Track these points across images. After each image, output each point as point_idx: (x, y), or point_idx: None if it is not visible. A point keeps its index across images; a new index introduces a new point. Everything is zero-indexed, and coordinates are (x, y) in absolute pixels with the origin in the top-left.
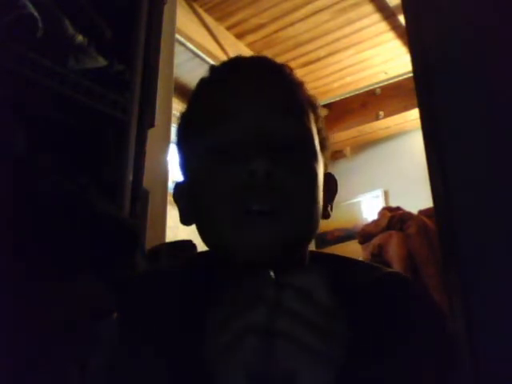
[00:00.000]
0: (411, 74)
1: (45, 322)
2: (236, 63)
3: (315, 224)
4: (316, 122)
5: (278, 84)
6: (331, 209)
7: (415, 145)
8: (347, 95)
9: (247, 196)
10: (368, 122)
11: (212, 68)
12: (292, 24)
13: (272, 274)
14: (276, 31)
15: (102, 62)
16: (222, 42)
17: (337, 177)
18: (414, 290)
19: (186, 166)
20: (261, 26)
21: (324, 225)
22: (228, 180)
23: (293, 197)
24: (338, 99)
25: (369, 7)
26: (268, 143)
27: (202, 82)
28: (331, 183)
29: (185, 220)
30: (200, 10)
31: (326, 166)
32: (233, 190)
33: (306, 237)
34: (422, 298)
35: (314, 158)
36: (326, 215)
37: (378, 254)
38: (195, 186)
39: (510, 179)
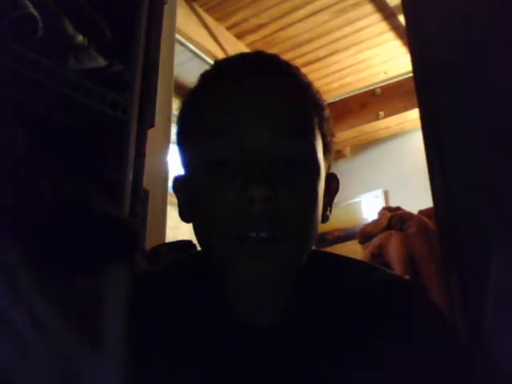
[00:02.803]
0: (411, 74)
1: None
2: (240, 66)
3: (314, 240)
4: (321, 126)
5: (284, 95)
6: (330, 211)
7: (415, 145)
8: (347, 95)
9: (245, 221)
10: (368, 121)
11: (215, 67)
12: (292, 24)
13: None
14: (276, 31)
15: (101, 62)
16: (222, 41)
17: None
18: (414, 294)
19: (185, 165)
20: (261, 26)
21: (324, 225)
22: (226, 199)
23: (292, 222)
24: (337, 99)
25: (369, 7)
26: (269, 163)
27: (205, 81)
28: (333, 184)
29: (183, 215)
30: (200, 10)
31: (328, 167)
32: (230, 211)
33: (304, 255)
34: (423, 302)
35: (316, 176)
36: (325, 218)
37: (378, 254)
38: (194, 191)
39: (510, 179)
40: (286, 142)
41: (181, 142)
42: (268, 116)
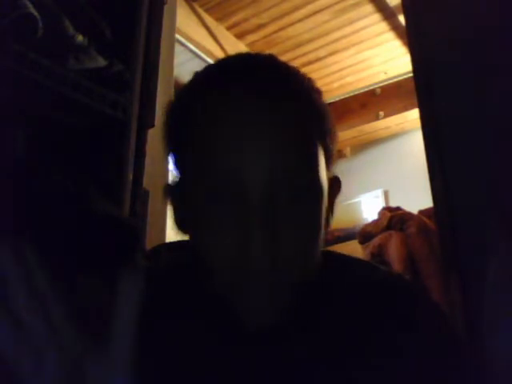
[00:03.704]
0: (411, 74)
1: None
2: (234, 86)
3: (318, 259)
4: (324, 141)
5: (284, 121)
6: (332, 215)
7: (415, 145)
8: (347, 95)
9: (244, 261)
10: (368, 121)
11: (205, 84)
12: (292, 24)
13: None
14: (276, 31)
15: (101, 62)
16: (222, 41)
17: None
18: (415, 294)
19: (180, 174)
20: (261, 26)
21: None
22: (224, 239)
23: (294, 254)
24: (337, 99)
25: (369, 7)
26: (270, 201)
27: (199, 89)
28: (335, 187)
29: (179, 227)
30: (200, 10)
31: (330, 171)
32: (229, 251)
33: (308, 278)
34: (424, 303)
35: (319, 201)
36: (328, 224)
37: (378, 254)
38: (188, 214)
39: (510, 179)
40: (288, 177)
41: (175, 154)
42: (267, 150)
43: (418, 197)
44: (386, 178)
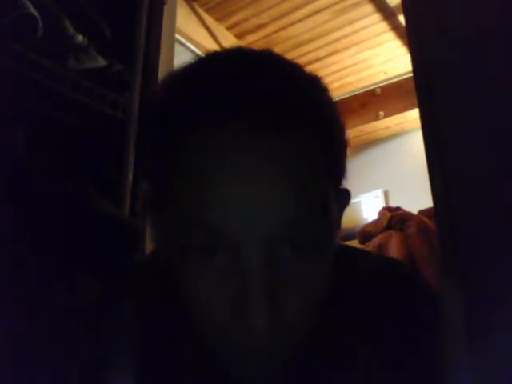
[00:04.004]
0: (411, 74)
1: (44, 321)
2: (225, 101)
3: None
4: (334, 172)
5: (290, 152)
6: (339, 227)
7: (415, 145)
8: (347, 95)
9: (239, 322)
10: (368, 122)
11: (193, 95)
12: (292, 24)
13: None
14: (276, 31)
15: (101, 62)
16: (222, 41)
17: None
18: (413, 282)
19: (159, 203)
20: (261, 26)
21: None
22: (220, 301)
23: (298, 312)
24: (337, 99)
25: (369, 7)
26: (270, 264)
27: (179, 115)
28: (344, 201)
29: (162, 256)
30: (200, 10)
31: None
32: (224, 316)
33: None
34: (422, 289)
35: (328, 243)
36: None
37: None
38: (172, 256)
39: (510, 179)
40: (292, 230)
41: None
42: (268, 202)
43: (417, 197)
44: (386, 178)
